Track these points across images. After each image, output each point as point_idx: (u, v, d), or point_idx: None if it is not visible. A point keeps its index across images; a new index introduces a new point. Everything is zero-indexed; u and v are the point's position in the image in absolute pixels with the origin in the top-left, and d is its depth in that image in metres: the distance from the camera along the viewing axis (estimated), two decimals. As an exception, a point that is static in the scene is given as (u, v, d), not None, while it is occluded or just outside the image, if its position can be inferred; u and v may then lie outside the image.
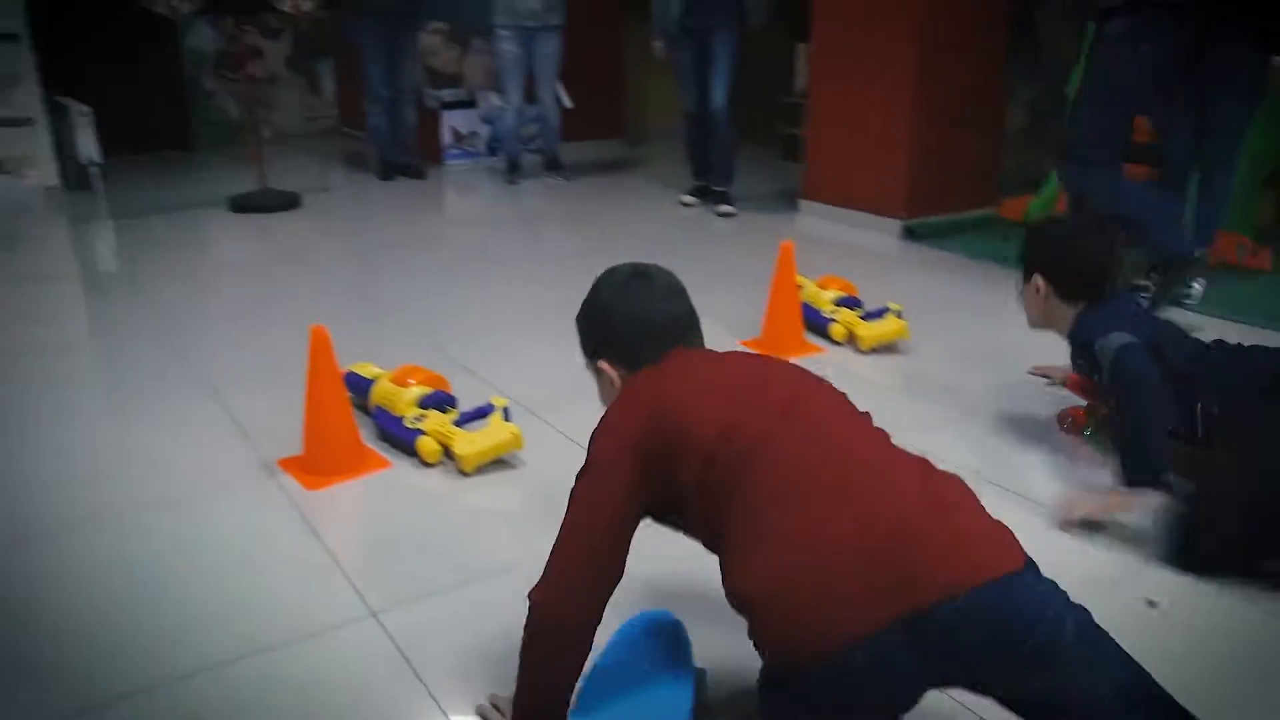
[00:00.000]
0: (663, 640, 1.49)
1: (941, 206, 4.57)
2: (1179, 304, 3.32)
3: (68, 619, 1.75)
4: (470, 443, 2.25)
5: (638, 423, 1.32)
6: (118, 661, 1.63)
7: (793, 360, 1.53)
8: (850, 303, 3.23)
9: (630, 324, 1.41)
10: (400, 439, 2.35)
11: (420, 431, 2.31)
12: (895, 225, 4.51)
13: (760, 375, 1.38)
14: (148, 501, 2.15)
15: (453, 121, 6.43)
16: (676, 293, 1.45)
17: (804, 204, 4.94)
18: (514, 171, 5.89)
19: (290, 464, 2.28)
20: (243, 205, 5.06)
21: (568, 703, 1.35)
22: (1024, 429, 2.46)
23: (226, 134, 7.26)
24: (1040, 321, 2.22)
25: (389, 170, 5.92)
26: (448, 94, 6.44)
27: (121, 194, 5.52)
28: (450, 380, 2.56)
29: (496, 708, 1.46)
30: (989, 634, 1.12)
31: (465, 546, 1.98)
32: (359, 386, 2.53)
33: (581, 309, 1.48)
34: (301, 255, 4.34)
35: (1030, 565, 1.18)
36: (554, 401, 2.60)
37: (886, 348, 3.05)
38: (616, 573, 1.32)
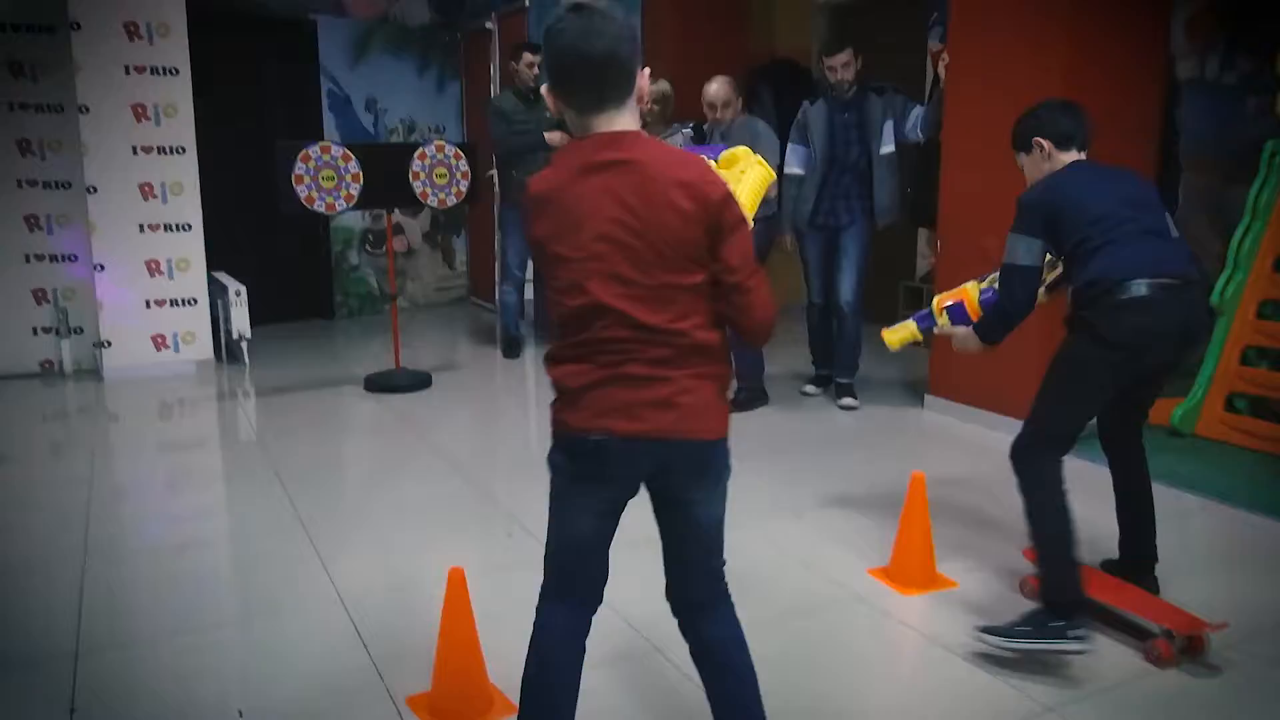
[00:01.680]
0: None
1: (1079, 409, 4.37)
2: None
3: None
4: None
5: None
6: None
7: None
8: None
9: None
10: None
11: None
12: (1028, 427, 4.33)
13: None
14: (279, 739, 2.16)
15: (577, 298, 6.64)
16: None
17: (929, 399, 4.83)
18: (635, 350, 5.99)
19: (418, 703, 2.26)
20: (378, 385, 5.29)
21: None
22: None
23: (367, 304, 7.71)
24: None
25: (515, 347, 6.12)
26: (574, 272, 6.68)
27: (267, 367, 5.86)
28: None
29: None
30: None
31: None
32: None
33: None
34: (433, 445, 4.45)
35: None
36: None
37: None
38: None
